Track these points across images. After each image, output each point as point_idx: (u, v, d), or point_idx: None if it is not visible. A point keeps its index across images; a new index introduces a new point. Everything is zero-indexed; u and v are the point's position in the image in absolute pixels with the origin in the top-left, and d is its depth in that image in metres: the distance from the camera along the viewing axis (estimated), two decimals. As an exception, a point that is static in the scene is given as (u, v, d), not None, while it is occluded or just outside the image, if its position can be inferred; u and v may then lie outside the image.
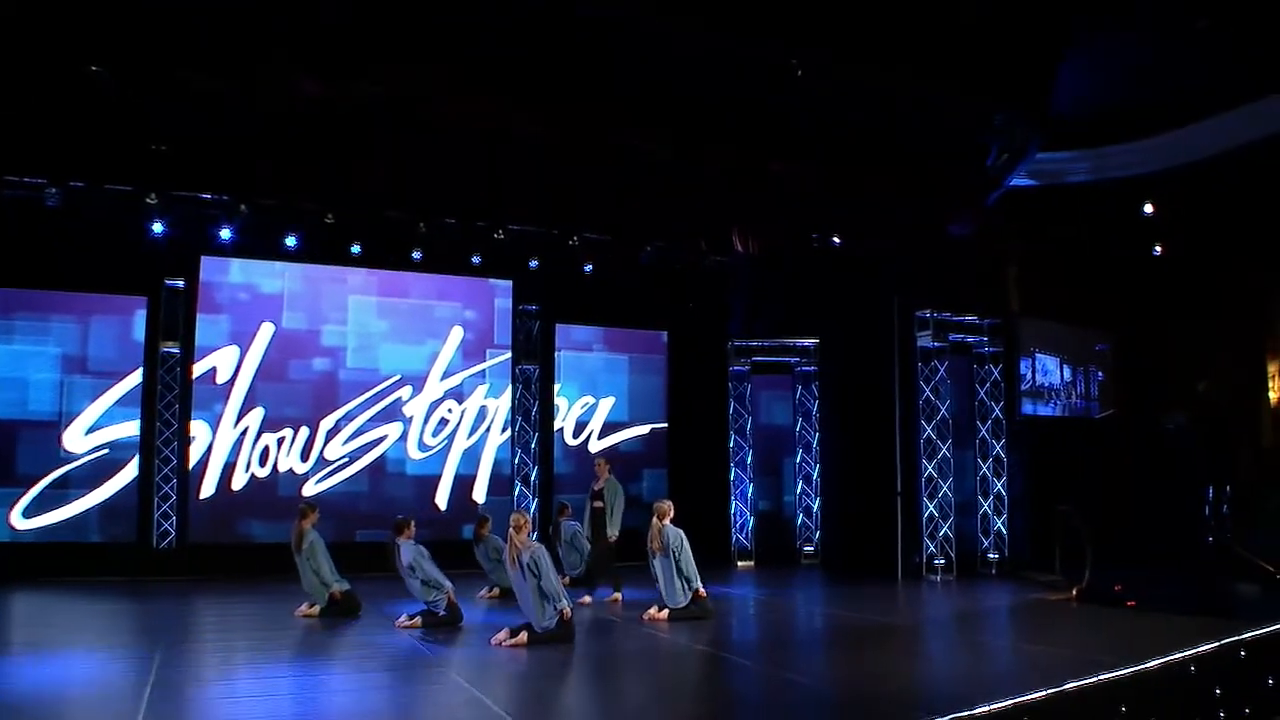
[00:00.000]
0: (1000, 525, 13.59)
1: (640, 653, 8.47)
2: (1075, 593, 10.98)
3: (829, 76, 11.19)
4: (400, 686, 7.03)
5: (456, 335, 14.75)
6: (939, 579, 12.81)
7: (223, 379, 13.46)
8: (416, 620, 9.19)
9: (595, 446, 15.59)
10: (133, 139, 11.67)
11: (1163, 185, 13.94)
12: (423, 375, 14.52)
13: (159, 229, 12.61)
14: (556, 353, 15.55)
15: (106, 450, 12.86)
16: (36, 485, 12.52)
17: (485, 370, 14.95)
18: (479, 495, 14.67)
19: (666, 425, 16.10)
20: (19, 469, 12.50)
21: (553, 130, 10.80)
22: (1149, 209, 13.93)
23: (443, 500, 14.48)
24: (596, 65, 10.49)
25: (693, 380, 16.09)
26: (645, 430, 15.95)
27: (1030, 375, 13.98)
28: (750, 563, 15.14)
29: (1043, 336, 14.31)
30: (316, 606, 9.88)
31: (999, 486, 13.66)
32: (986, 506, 13.63)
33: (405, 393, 14.37)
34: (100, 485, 12.81)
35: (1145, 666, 7.60)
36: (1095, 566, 11.29)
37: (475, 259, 14.28)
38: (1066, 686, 6.89)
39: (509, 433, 15.03)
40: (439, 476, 14.53)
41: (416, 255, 13.94)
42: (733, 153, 12.54)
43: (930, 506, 13.05)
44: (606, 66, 10.55)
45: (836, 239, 14.65)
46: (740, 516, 15.46)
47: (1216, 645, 8.30)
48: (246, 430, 13.53)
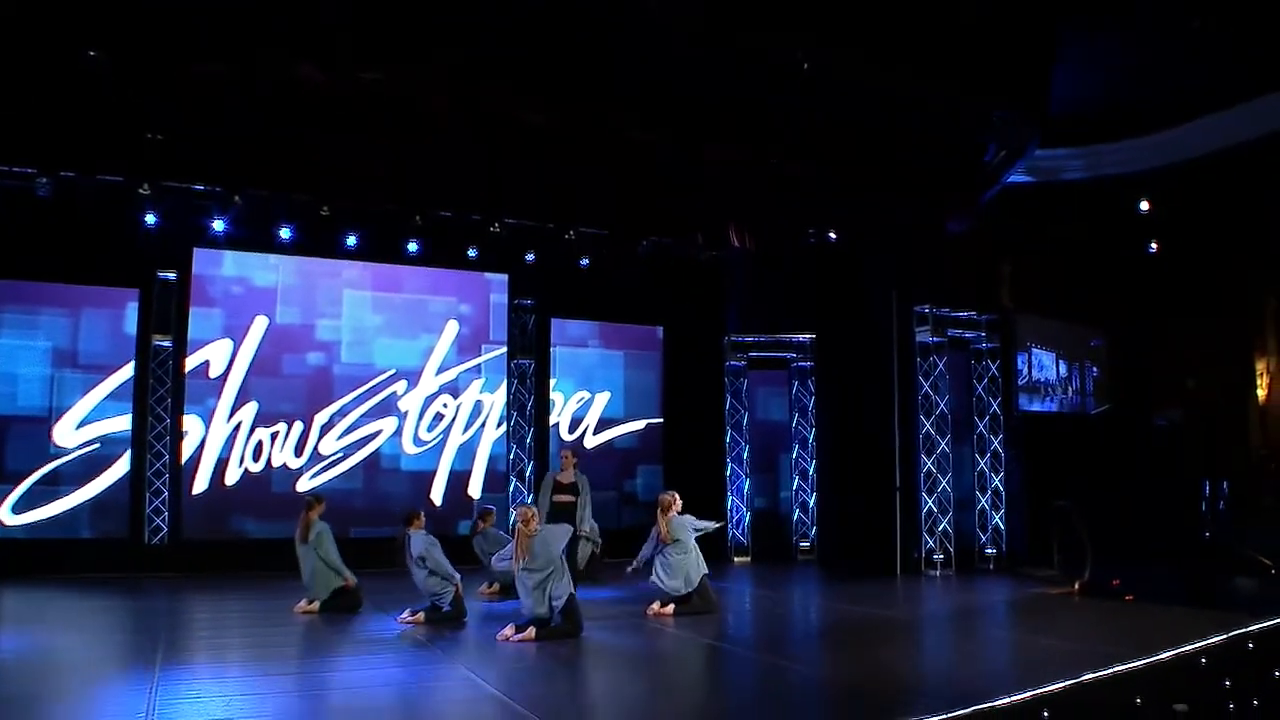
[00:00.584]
0: (998, 521, 13.62)
1: (649, 647, 8.41)
2: (1078, 587, 11.03)
3: (829, 72, 11.20)
4: (411, 682, 6.94)
5: (451, 329, 14.62)
6: (938, 574, 12.82)
7: (216, 373, 13.28)
8: (419, 616, 9.08)
9: (591, 442, 15.51)
10: (126, 128, 11.45)
11: (1157, 183, 14.06)
12: (418, 370, 14.38)
13: (151, 220, 12.42)
14: (552, 349, 15.45)
15: (97, 445, 12.65)
16: (26, 481, 12.28)
17: (481, 365, 14.84)
18: (474, 490, 14.55)
19: (662, 421, 16.04)
20: (8, 464, 12.26)
21: (555, 121, 10.67)
22: (1145, 206, 14.03)
23: (438, 496, 14.35)
24: (597, 59, 10.43)
25: (689, 376, 16.03)
26: (641, 426, 15.88)
27: (1026, 370, 14.03)
28: (747, 559, 15.10)
29: (1039, 332, 14.36)
30: (316, 602, 9.74)
31: (996, 482, 13.69)
32: (984, 502, 13.66)
33: (400, 387, 14.23)
34: (91, 481, 12.59)
35: (1159, 658, 7.64)
36: (1095, 561, 11.36)
37: (471, 252, 14.17)
38: (1085, 678, 6.91)
39: (504, 427, 14.92)
40: (434, 472, 14.40)
41: (412, 248, 13.82)
42: (731, 148, 12.51)
43: (929, 502, 13.05)
44: (607, 61, 10.49)
45: (833, 234, 14.67)
46: (736, 512, 15.42)
47: (1225, 637, 8.37)
48: (240, 425, 13.35)
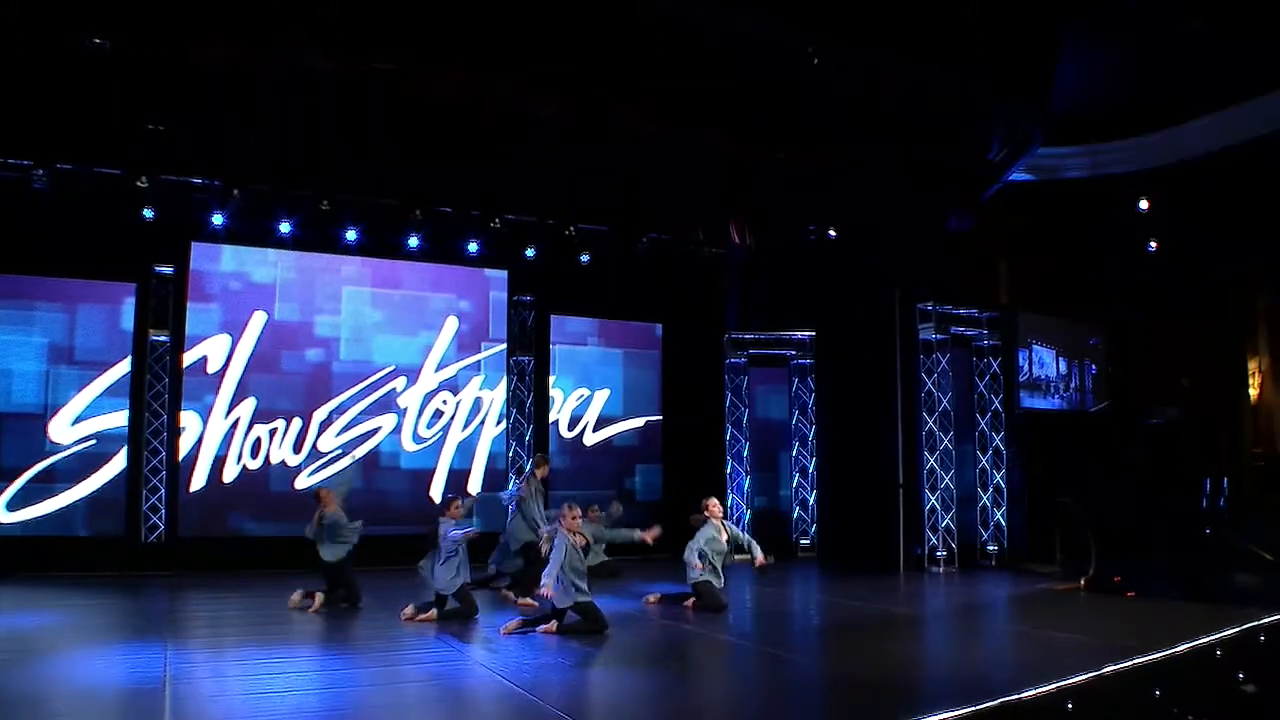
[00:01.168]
0: (1000, 517, 13.64)
1: (669, 643, 8.33)
2: (1083, 582, 11.07)
3: (834, 64, 11.19)
4: (431, 680, 6.85)
5: (451, 326, 14.52)
6: (941, 571, 12.82)
7: (214, 369, 13.13)
8: (432, 614, 8.97)
9: (590, 439, 15.44)
10: (124, 120, 11.35)
11: (1155, 183, 14.14)
12: (417, 367, 14.28)
13: (148, 214, 12.29)
14: (552, 347, 15.37)
15: (94, 441, 12.48)
16: (21, 477, 12.11)
17: (480, 361, 14.74)
18: (474, 488, 14.44)
19: (661, 418, 15.99)
20: (3, 461, 12.08)
21: (565, 111, 10.60)
22: (1144, 205, 14.11)
23: (437, 493, 14.24)
24: (606, 50, 10.36)
25: (688, 373, 15.98)
26: (640, 423, 15.83)
27: (1027, 367, 14.06)
28: (745, 557, 15.01)
29: (1039, 329, 14.40)
30: (319, 595, 9.61)
31: (998, 478, 13.71)
32: (986, 499, 13.68)
33: (399, 384, 14.12)
34: (87, 478, 12.42)
35: (1175, 651, 7.67)
36: (1103, 556, 11.40)
37: (472, 247, 14.09)
38: (1105, 670, 6.92)
39: (504, 424, 14.84)
40: (433, 470, 14.30)
41: (413, 243, 13.73)
42: (734, 143, 12.48)
43: (932, 499, 13.06)
44: (613, 47, 10.41)
45: (832, 232, 14.67)
46: (736, 510, 15.38)
47: (1238, 630, 8.41)
48: (238, 421, 13.20)
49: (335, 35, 8.85)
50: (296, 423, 13.50)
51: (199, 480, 12.97)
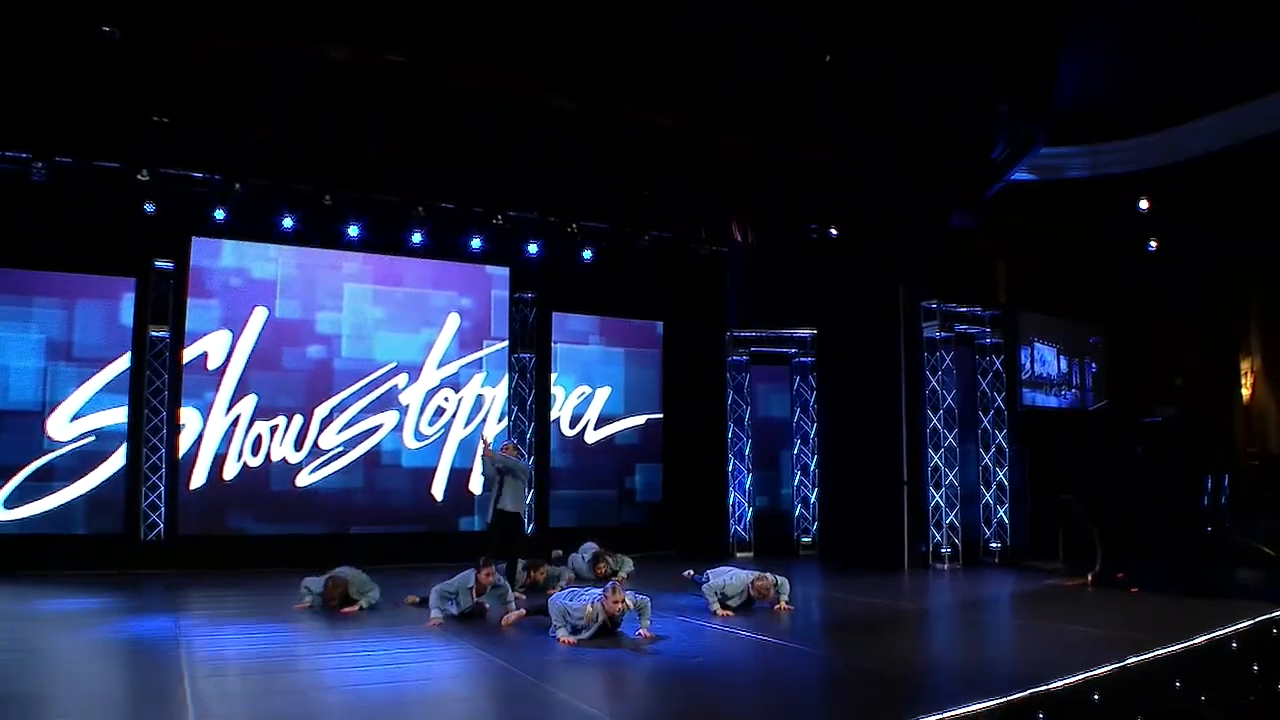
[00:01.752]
0: (1002, 515, 13.68)
1: (698, 643, 8.23)
2: (1091, 578, 11.11)
3: (840, 63, 11.20)
4: (464, 678, 6.80)
5: (453, 323, 14.44)
6: (945, 568, 12.84)
7: (214, 365, 13.00)
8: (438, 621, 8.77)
9: (591, 437, 15.40)
10: (126, 112, 11.17)
11: (1153, 183, 14.23)
12: (419, 364, 14.19)
13: (149, 208, 12.16)
14: (553, 345, 15.31)
15: (92, 438, 12.33)
16: (18, 475, 11.95)
17: (482, 359, 14.66)
18: (475, 487, 14.36)
19: (662, 416, 15.96)
20: (0, 459, 11.91)
21: (578, 105, 10.54)
22: (1144, 205, 14.19)
23: (439, 491, 14.16)
24: (618, 44, 10.31)
25: (690, 371, 15.97)
26: (641, 421, 15.79)
27: (1029, 365, 14.11)
28: (749, 554, 15.01)
29: (1041, 327, 14.46)
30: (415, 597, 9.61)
31: (1000, 476, 13.74)
32: (988, 496, 13.71)
33: (401, 380, 14.02)
34: (86, 475, 12.27)
35: (1194, 643, 7.69)
36: (1107, 553, 11.45)
37: (475, 243, 14.04)
38: (1128, 662, 6.93)
39: (505, 422, 14.76)
40: (434, 468, 14.20)
41: (415, 239, 13.65)
42: (746, 139, 12.44)
43: (936, 496, 13.08)
44: (628, 46, 10.36)
45: (834, 230, 14.68)
46: (738, 508, 15.36)
47: (1252, 623, 8.45)
48: (239, 418, 13.07)
49: (350, 26, 8.76)
50: (298, 420, 13.38)
51: (199, 478, 12.83)
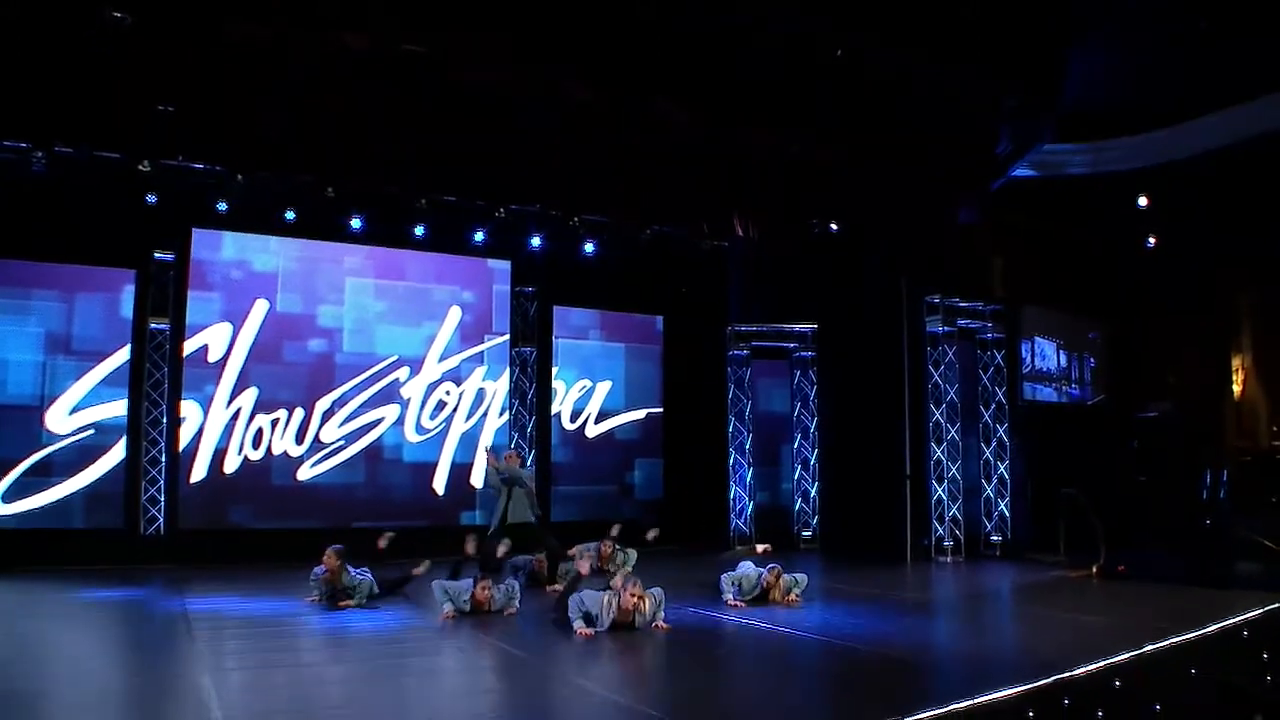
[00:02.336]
0: (1003, 508, 13.74)
1: (715, 634, 8.23)
2: (1095, 570, 11.19)
3: (850, 57, 11.22)
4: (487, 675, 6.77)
5: (454, 316, 14.39)
6: (949, 560, 12.89)
7: (215, 358, 12.90)
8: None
9: (592, 431, 15.38)
10: (127, 101, 11.05)
11: (1151, 181, 14.33)
12: (420, 357, 14.12)
13: (151, 199, 12.06)
14: (554, 340, 15.27)
15: (92, 431, 12.21)
16: (17, 469, 11.82)
17: (483, 353, 14.62)
18: (477, 481, 14.32)
19: (662, 411, 15.95)
20: (-1, 452, 11.81)
21: (598, 97, 10.51)
22: (1143, 202, 14.28)
23: (440, 485, 14.11)
24: (614, 38, 10.30)
25: (690, 365, 15.97)
26: (642, 415, 15.77)
27: (1030, 360, 14.19)
28: (750, 547, 15.02)
29: (1040, 322, 14.54)
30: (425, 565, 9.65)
31: (1001, 469, 13.80)
32: (990, 490, 13.76)
33: (403, 374, 13.96)
34: (85, 469, 12.15)
35: (1206, 631, 7.76)
36: (1108, 546, 11.54)
37: (478, 236, 13.99)
38: (1146, 649, 6.98)
39: (506, 416, 14.72)
40: (436, 463, 14.14)
41: (417, 233, 13.59)
42: (754, 131, 12.44)
43: (939, 490, 13.13)
44: (625, 38, 10.35)
45: (834, 225, 14.69)
46: (739, 502, 15.37)
47: (1262, 612, 8.53)
48: (239, 411, 12.98)
49: (370, 14, 8.70)
50: (299, 413, 13.30)
51: (199, 471, 12.73)
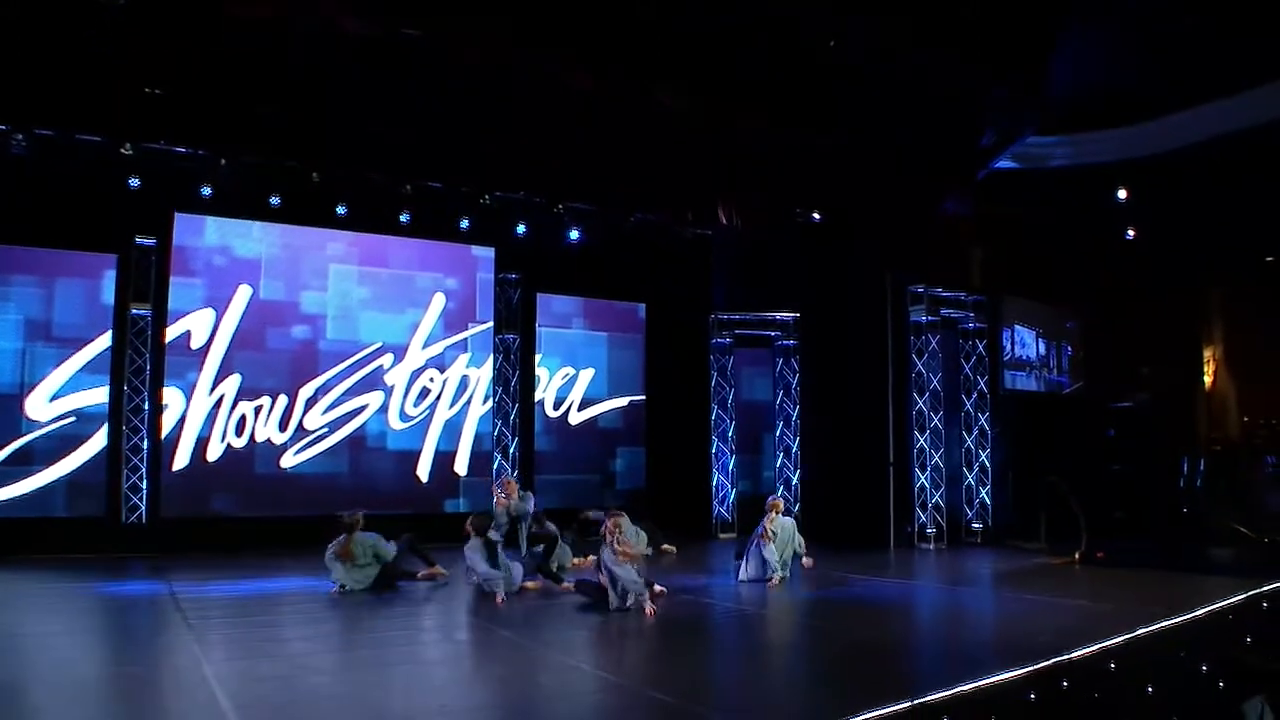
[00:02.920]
0: (984, 495, 13.93)
1: (745, 619, 8.30)
2: (1078, 556, 11.39)
3: (842, 47, 11.28)
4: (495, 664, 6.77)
5: (438, 303, 14.31)
6: (931, 547, 13.05)
7: (197, 344, 12.75)
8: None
9: (575, 419, 15.37)
10: (110, 83, 10.85)
11: (1127, 174, 14.54)
12: (404, 344, 14.05)
13: (134, 182, 11.86)
14: (538, 329, 15.24)
15: (72, 419, 12.03)
16: (-4, 457, 11.64)
17: (467, 340, 14.56)
18: (460, 468, 14.29)
19: (645, 398, 15.97)
20: (-23, 440, 11.60)
21: (600, 84, 10.48)
22: (1122, 194, 14.49)
23: (424, 473, 14.05)
24: (602, 26, 10.27)
25: (673, 353, 15.99)
26: (624, 402, 15.79)
27: (1010, 347, 14.37)
28: (732, 534, 15.10)
29: (1021, 311, 14.73)
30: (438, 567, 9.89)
31: (983, 458, 13.99)
32: (971, 478, 13.94)
33: (386, 360, 13.88)
34: (65, 457, 11.98)
35: (1195, 615, 7.93)
36: (1090, 532, 11.74)
37: (461, 225, 13.92)
38: (1138, 633, 7.12)
39: (490, 403, 14.68)
40: (419, 451, 14.08)
41: (402, 219, 13.49)
42: (729, 122, 12.46)
43: (922, 477, 13.28)
44: (613, 27, 10.32)
45: (817, 215, 14.76)
46: (721, 489, 15.45)
47: (1244, 597, 8.73)
48: (222, 399, 12.84)
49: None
50: (282, 400, 13.19)
51: (182, 459, 12.59)
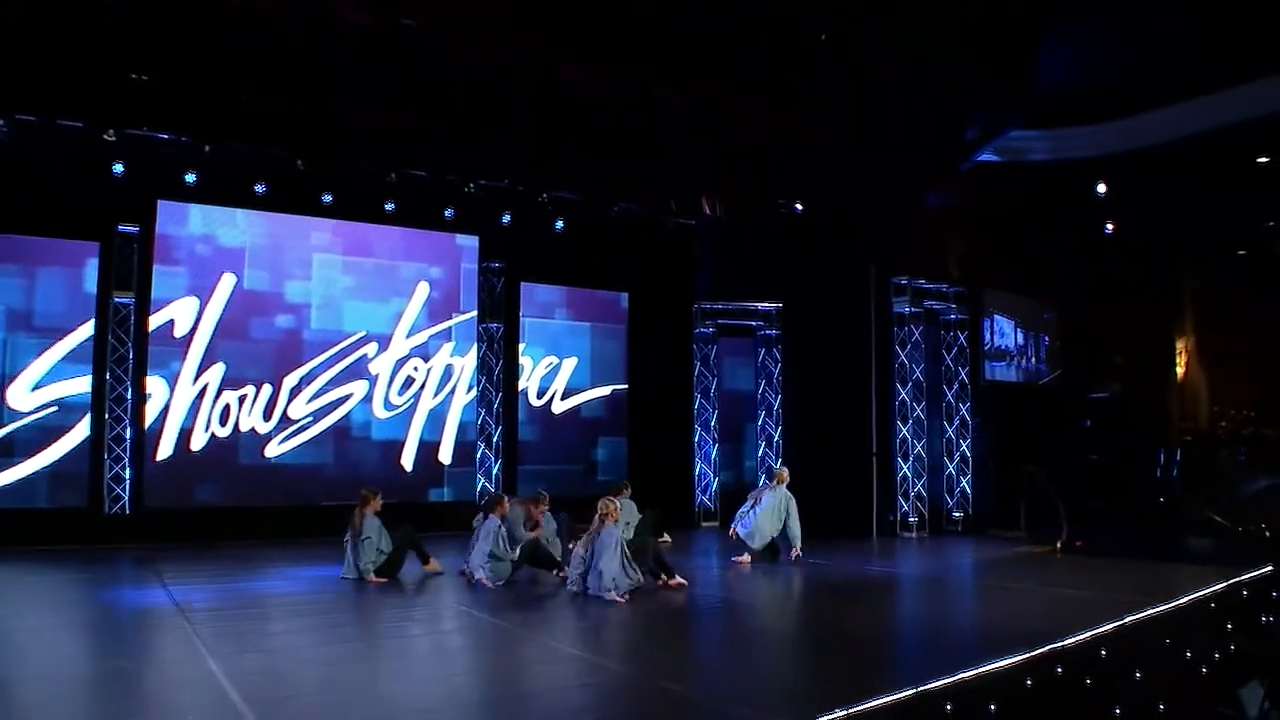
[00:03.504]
0: (965, 485, 14.14)
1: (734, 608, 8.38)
2: (1059, 545, 11.60)
3: (843, 44, 11.38)
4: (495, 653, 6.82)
5: (422, 292, 14.26)
6: (914, 536, 13.25)
7: (181, 333, 12.62)
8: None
9: (559, 408, 15.39)
10: (93, 69, 10.69)
11: (1105, 169, 14.78)
12: (388, 333, 13.99)
13: (119, 169, 11.73)
14: (521, 319, 15.22)
15: (54, 409, 11.87)
16: (-24, 447, 11.47)
17: (451, 329, 14.52)
18: (445, 458, 14.28)
19: (627, 387, 16.01)
20: (-43, 430, 11.43)
21: (593, 77, 10.48)
22: (1101, 189, 14.72)
23: (408, 462, 14.02)
24: (586, 15, 10.26)
25: (656, 343, 16.02)
26: (607, 391, 15.82)
27: (989, 337, 14.58)
28: (715, 523, 15.24)
29: (1000, 303, 14.94)
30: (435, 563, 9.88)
31: (964, 447, 14.20)
32: (952, 467, 14.15)
33: (371, 349, 13.81)
34: (48, 447, 11.82)
35: (1179, 603, 8.14)
36: (1069, 522, 11.96)
37: (448, 213, 13.88)
38: (1126, 620, 7.30)
39: (474, 392, 14.66)
40: (404, 440, 14.05)
41: (387, 207, 13.44)
42: (718, 111, 12.50)
43: (904, 467, 13.47)
44: (596, 15, 10.32)
45: (799, 205, 14.86)
46: (704, 479, 15.55)
47: (1224, 585, 8.96)
48: (206, 388, 12.72)
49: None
50: (266, 389, 13.10)
51: (165, 449, 12.47)
